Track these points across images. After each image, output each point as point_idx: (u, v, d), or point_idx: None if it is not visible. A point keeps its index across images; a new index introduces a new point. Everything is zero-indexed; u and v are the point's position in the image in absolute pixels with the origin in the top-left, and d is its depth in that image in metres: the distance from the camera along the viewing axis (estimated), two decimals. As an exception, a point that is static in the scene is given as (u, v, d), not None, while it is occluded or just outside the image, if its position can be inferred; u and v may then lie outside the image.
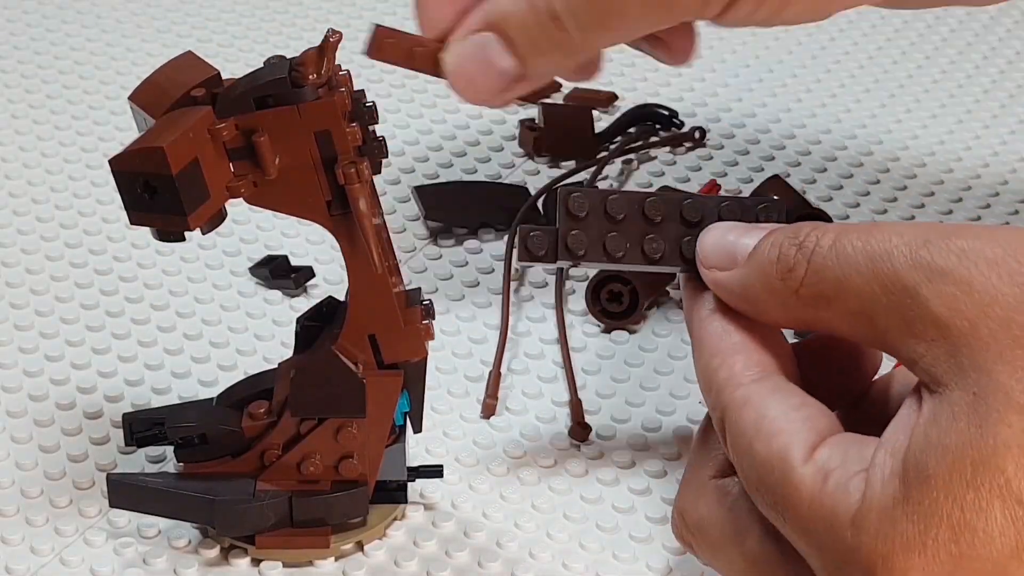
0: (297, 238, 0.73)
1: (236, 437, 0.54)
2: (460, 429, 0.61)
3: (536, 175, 0.79)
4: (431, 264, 0.72)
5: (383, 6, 0.97)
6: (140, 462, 0.59)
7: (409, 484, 0.56)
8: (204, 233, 0.51)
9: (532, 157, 0.80)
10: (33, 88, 0.87)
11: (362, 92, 0.52)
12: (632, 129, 0.82)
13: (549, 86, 0.86)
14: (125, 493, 0.54)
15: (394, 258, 0.54)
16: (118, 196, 0.50)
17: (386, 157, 0.53)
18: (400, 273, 0.54)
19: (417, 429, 0.55)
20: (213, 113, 0.50)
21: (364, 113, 0.52)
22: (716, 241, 0.50)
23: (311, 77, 0.50)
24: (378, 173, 0.52)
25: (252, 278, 0.70)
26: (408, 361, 0.54)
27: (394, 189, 0.77)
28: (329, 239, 0.55)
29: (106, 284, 0.70)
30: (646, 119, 0.82)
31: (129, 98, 0.52)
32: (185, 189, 0.49)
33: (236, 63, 0.90)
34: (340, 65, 0.51)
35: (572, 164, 0.79)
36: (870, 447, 0.45)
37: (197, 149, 0.49)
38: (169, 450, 0.58)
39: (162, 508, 0.54)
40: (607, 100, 0.85)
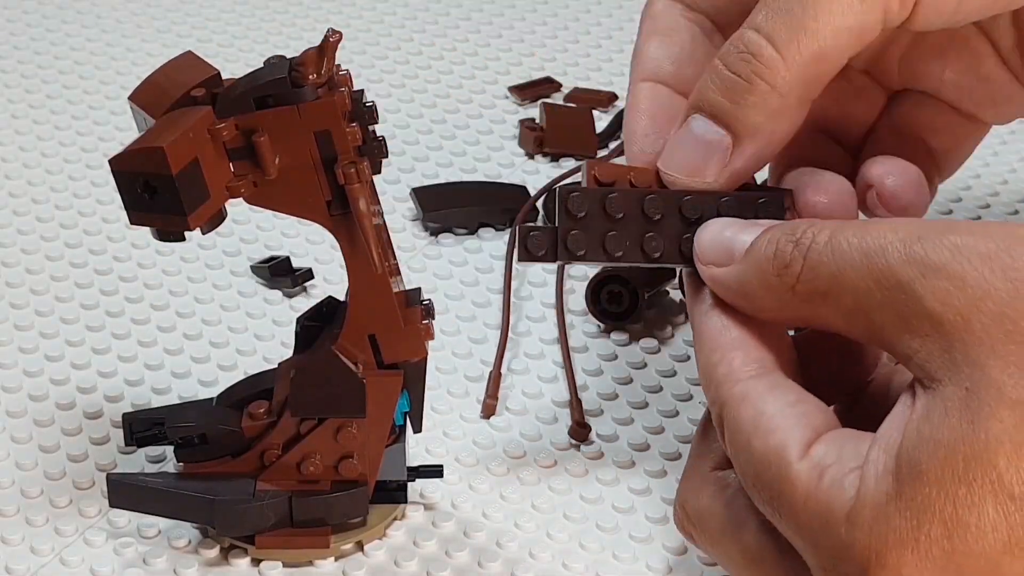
0: (297, 238, 0.73)
1: (236, 437, 0.54)
2: (460, 429, 0.61)
3: (536, 175, 0.79)
4: (431, 264, 0.72)
5: (383, 6, 0.97)
6: (140, 462, 0.59)
7: (409, 484, 0.56)
8: (204, 233, 0.51)
9: (532, 157, 0.80)
10: (33, 88, 0.87)
11: (362, 92, 0.52)
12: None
13: (549, 86, 0.86)
14: (125, 493, 0.54)
15: (394, 258, 0.54)
16: (118, 196, 0.50)
17: (386, 157, 0.53)
18: (400, 273, 0.54)
19: (417, 429, 0.55)
20: (213, 113, 0.50)
21: (364, 113, 0.52)
22: (713, 237, 0.50)
23: (311, 77, 0.50)
24: (378, 173, 0.52)
25: (252, 278, 0.70)
26: (408, 361, 0.54)
27: (394, 189, 0.77)
28: (329, 239, 0.55)
29: (106, 284, 0.70)
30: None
31: (129, 98, 0.52)
32: (185, 189, 0.49)
33: (236, 63, 0.89)
34: (340, 65, 0.51)
35: (572, 164, 0.80)
36: (865, 443, 0.45)
37: (197, 149, 0.49)
38: (169, 450, 0.58)
39: (162, 508, 0.54)
40: (607, 100, 0.85)
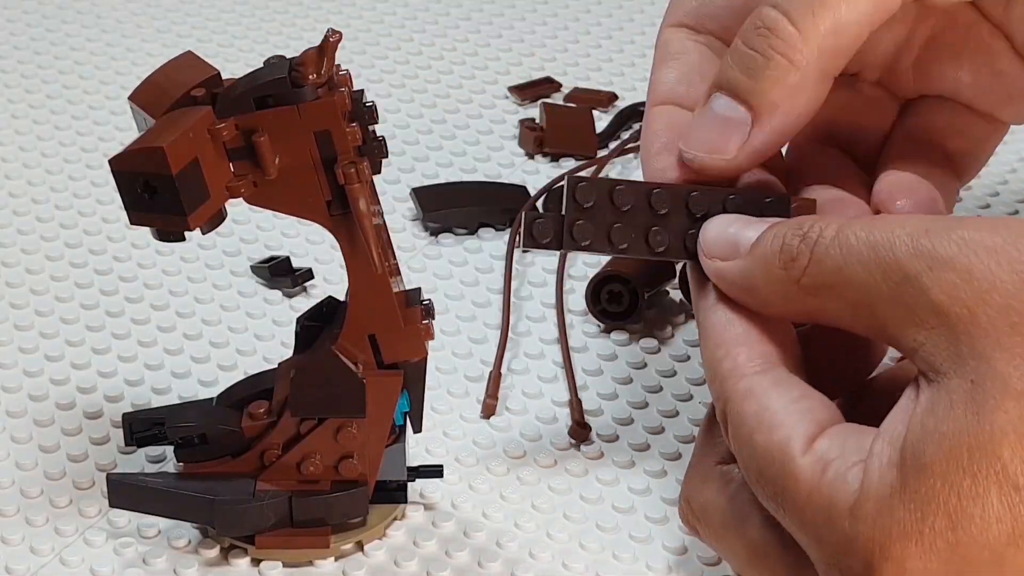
0: (297, 238, 0.73)
1: (236, 437, 0.54)
2: (460, 429, 0.61)
3: (536, 175, 0.79)
4: (431, 263, 0.72)
5: (383, 6, 0.97)
6: (140, 462, 0.59)
7: (409, 484, 0.56)
8: (204, 233, 0.51)
9: (532, 157, 0.80)
10: (33, 88, 0.87)
11: (362, 92, 0.52)
12: (633, 128, 0.82)
13: (549, 86, 0.86)
14: (125, 493, 0.54)
15: (394, 258, 0.54)
16: (118, 196, 0.50)
17: (386, 157, 0.53)
18: (400, 273, 0.54)
19: (417, 429, 0.55)
20: (213, 113, 0.50)
21: (364, 113, 0.52)
22: (718, 231, 0.50)
23: (311, 77, 0.50)
24: (378, 173, 0.52)
25: (252, 278, 0.70)
26: (408, 361, 0.54)
27: (394, 189, 0.77)
28: (329, 239, 0.55)
29: (106, 284, 0.70)
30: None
31: (129, 98, 0.52)
32: (185, 189, 0.49)
33: (236, 63, 0.89)
34: (340, 65, 0.51)
35: (572, 164, 0.80)
36: (869, 437, 0.45)
37: (197, 149, 0.49)
38: (169, 450, 0.58)
39: (162, 508, 0.54)
40: (607, 100, 0.85)
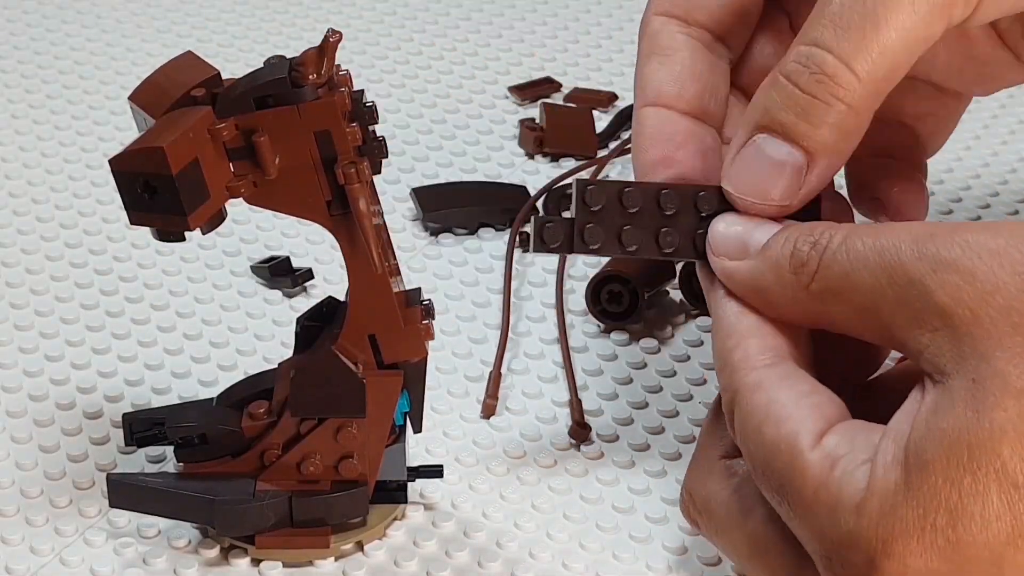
0: (297, 238, 0.73)
1: (236, 437, 0.54)
2: (460, 429, 0.61)
3: (536, 175, 0.79)
4: (431, 263, 0.72)
5: (383, 6, 0.97)
6: (140, 462, 0.59)
7: (409, 484, 0.56)
8: (204, 233, 0.51)
9: (532, 157, 0.80)
10: (33, 88, 0.87)
11: (362, 92, 0.52)
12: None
13: (549, 86, 0.86)
14: (125, 493, 0.54)
15: (394, 258, 0.54)
16: (118, 196, 0.50)
17: (386, 157, 0.53)
18: (400, 273, 0.54)
19: (417, 429, 0.55)
20: (213, 113, 0.50)
21: (364, 113, 0.52)
22: (727, 230, 0.50)
23: (311, 77, 0.50)
24: (378, 173, 0.52)
25: (252, 278, 0.70)
26: (408, 361, 0.54)
27: (394, 189, 0.77)
28: (329, 239, 0.55)
29: (106, 284, 0.70)
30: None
31: (129, 98, 0.52)
32: (185, 189, 0.49)
33: (236, 63, 0.89)
34: (340, 65, 0.51)
35: (572, 164, 0.80)
36: (877, 434, 0.46)
37: (197, 149, 0.49)
38: (169, 450, 0.58)
39: (162, 508, 0.54)
40: (607, 100, 0.85)
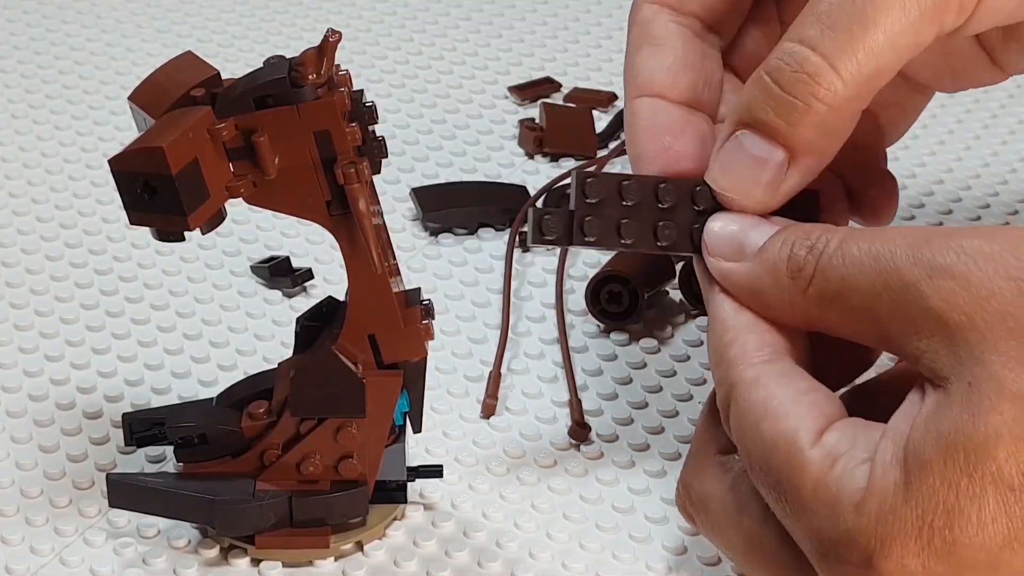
0: (297, 238, 0.73)
1: (236, 437, 0.54)
2: (460, 429, 0.61)
3: (536, 175, 0.79)
4: (430, 263, 0.72)
5: (383, 6, 0.97)
6: (140, 462, 0.59)
7: (409, 484, 0.56)
8: (204, 233, 0.51)
9: (532, 157, 0.80)
10: (33, 88, 0.87)
11: (362, 92, 0.52)
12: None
13: (549, 86, 0.86)
14: (125, 493, 0.54)
15: (394, 258, 0.54)
16: (118, 196, 0.50)
17: (386, 157, 0.53)
18: (400, 273, 0.54)
19: (417, 429, 0.55)
20: (213, 113, 0.50)
21: (364, 113, 0.52)
22: (722, 231, 0.50)
23: (311, 77, 0.50)
24: (378, 173, 0.52)
25: (252, 278, 0.70)
26: (408, 361, 0.54)
27: (394, 189, 0.77)
28: (329, 239, 0.55)
29: (106, 284, 0.70)
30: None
31: (129, 98, 0.52)
32: (185, 189, 0.49)
33: (236, 63, 0.89)
34: (340, 65, 0.51)
35: (572, 164, 0.80)
36: (877, 433, 0.46)
37: (197, 149, 0.49)
38: (169, 450, 0.58)
39: (162, 508, 0.54)
40: (607, 100, 0.85)
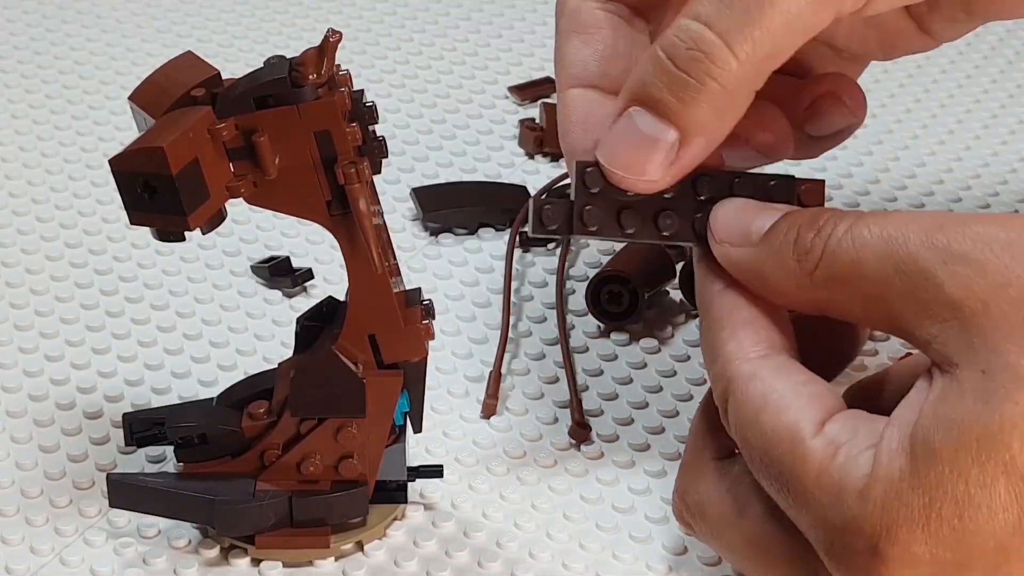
0: (297, 238, 0.73)
1: (236, 437, 0.54)
2: (460, 429, 0.61)
3: (536, 175, 0.79)
4: (431, 264, 0.72)
5: (383, 6, 0.97)
6: (140, 462, 0.59)
7: (409, 484, 0.56)
8: (204, 233, 0.51)
9: (532, 157, 0.80)
10: (33, 88, 0.87)
11: (362, 92, 0.52)
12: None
13: (549, 86, 0.86)
14: (125, 493, 0.54)
15: (394, 258, 0.54)
16: (118, 196, 0.50)
17: (386, 157, 0.53)
18: (400, 273, 0.54)
19: (417, 429, 0.55)
20: (213, 113, 0.50)
21: (364, 113, 0.52)
22: (729, 216, 0.50)
23: (311, 77, 0.50)
24: (378, 173, 0.52)
25: (252, 278, 0.70)
26: (408, 361, 0.54)
27: (394, 189, 0.77)
28: (329, 239, 0.55)
29: (106, 284, 0.70)
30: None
31: (129, 98, 0.52)
32: (185, 189, 0.49)
33: (236, 63, 0.89)
34: (340, 65, 0.51)
35: (572, 164, 0.80)
36: (880, 423, 0.46)
37: (197, 149, 0.49)
38: (169, 450, 0.58)
39: (162, 508, 0.54)
40: (607, 100, 0.85)
